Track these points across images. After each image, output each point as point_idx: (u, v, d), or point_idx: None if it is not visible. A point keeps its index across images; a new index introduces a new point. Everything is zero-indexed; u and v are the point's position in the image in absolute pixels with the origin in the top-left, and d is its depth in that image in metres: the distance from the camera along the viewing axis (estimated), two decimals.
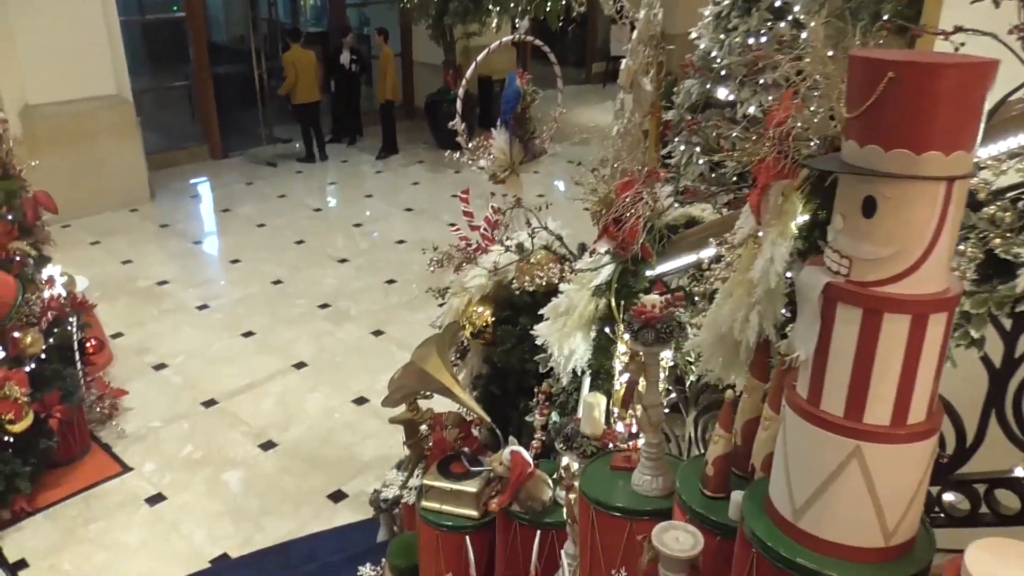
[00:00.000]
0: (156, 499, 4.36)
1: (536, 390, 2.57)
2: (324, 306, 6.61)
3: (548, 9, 11.29)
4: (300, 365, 5.69)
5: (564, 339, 2.30)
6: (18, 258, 4.30)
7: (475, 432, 3.04)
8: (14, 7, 7.65)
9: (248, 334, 6.15)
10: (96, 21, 8.22)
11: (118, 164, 8.70)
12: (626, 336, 2.25)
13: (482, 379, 3.13)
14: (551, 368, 2.56)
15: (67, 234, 7.91)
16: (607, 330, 2.27)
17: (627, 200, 2.04)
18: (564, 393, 2.50)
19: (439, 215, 8.74)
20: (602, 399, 2.29)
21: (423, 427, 3.19)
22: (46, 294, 4.50)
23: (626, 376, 2.28)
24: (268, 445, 4.80)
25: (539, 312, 2.56)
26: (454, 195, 9.31)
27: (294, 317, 6.42)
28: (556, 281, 2.47)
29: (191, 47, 10.44)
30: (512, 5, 10.43)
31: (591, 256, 2.24)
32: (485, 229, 3.11)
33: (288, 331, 6.19)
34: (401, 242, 8.05)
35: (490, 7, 10.47)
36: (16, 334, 4.20)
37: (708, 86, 3.97)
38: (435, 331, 3.33)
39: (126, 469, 4.60)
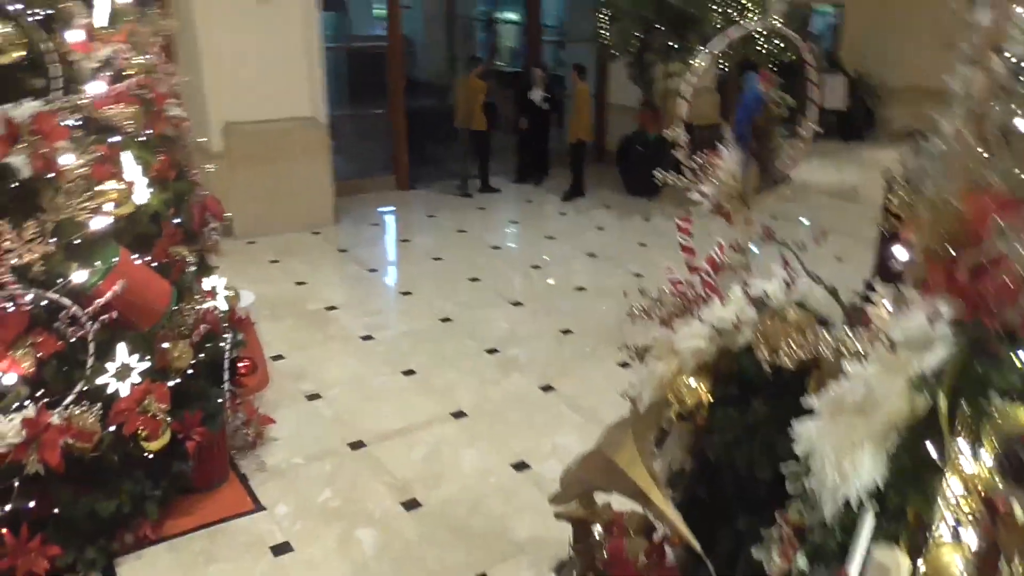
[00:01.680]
0: (282, 548, 3.85)
1: (781, 516, 1.71)
2: (492, 351, 6.01)
3: (759, 53, 10.50)
4: (459, 414, 5.09)
5: (847, 450, 1.45)
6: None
7: (668, 551, 2.23)
8: (224, 29, 7.86)
9: (409, 372, 5.66)
10: (297, 46, 8.32)
11: (307, 186, 8.72)
12: (975, 467, 1.37)
13: (684, 477, 2.30)
14: (803, 487, 1.71)
15: (250, 250, 7.94)
16: (928, 445, 1.40)
17: (997, 233, 1.20)
18: (823, 529, 1.63)
19: (623, 263, 8.00)
20: (906, 562, 1.40)
21: (597, 527, 2.42)
22: (203, 305, 4.18)
23: (952, 531, 1.38)
24: (411, 504, 4.19)
25: (796, 398, 1.73)
26: (642, 243, 8.67)
27: (459, 359, 5.87)
28: (829, 357, 1.63)
29: (387, 78, 10.50)
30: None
31: (926, 321, 1.38)
32: (708, 273, 2.32)
33: (451, 373, 5.64)
34: (581, 289, 7.36)
35: (697, 46, 9.76)
36: (165, 344, 3.88)
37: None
38: (625, 402, 2.57)
39: (259, 507, 4.15)
